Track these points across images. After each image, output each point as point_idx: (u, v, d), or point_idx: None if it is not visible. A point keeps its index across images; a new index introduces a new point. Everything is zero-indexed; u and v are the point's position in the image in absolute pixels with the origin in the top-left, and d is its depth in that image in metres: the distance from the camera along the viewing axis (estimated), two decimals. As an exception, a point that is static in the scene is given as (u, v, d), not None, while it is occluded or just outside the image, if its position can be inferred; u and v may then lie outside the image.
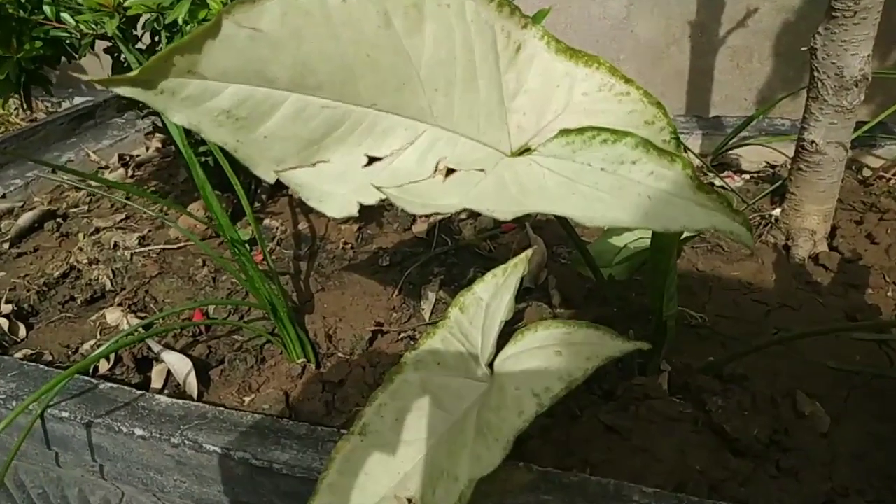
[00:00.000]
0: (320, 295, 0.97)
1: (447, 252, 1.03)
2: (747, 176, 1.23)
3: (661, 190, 0.50)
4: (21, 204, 1.32)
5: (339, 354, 0.86)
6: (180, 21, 0.58)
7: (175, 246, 1.10)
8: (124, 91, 0.47)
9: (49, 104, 1.90)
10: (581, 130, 0.53)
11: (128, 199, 1.29)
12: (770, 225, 1.02)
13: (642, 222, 0.49)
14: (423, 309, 0.90)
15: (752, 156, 1.34)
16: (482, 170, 0.55)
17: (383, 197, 0.52)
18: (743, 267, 0.97)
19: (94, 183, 1.41)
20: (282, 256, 1.08)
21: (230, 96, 0.50)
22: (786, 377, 0.76)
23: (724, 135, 1.39)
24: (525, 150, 0.57)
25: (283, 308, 0.81)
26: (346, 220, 1.15)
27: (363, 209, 0.52)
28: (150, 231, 1.17)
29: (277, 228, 1.16)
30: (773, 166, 1.30)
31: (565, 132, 0.54)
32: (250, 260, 0.78)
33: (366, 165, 0.54)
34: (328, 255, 1.07)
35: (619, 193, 0.51)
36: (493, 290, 0.58)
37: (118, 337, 0.83)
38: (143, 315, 0.97)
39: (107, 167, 1.51)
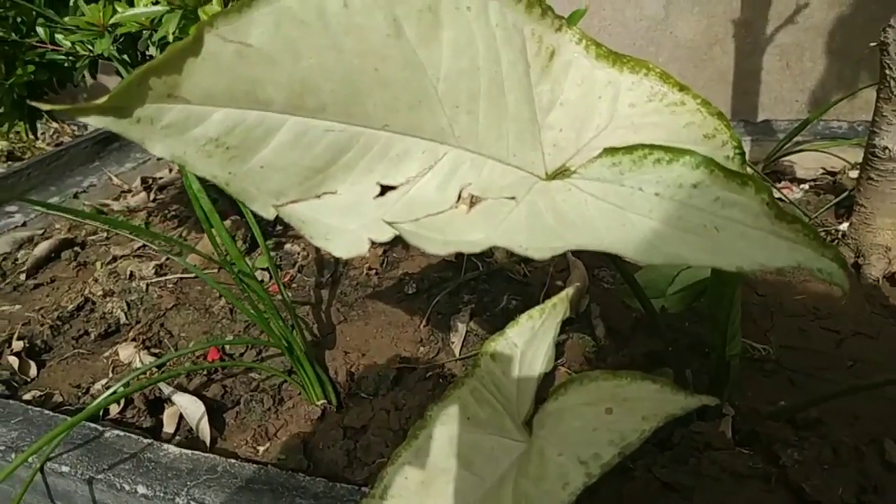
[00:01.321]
0: (342, 326, 0.90)
1: (477, 277, 0.96)
2: (806, 186, 1.12)
3: (731, 220, 0.42)
4: (42, 231, 1.29)
5: (362, 395, 0.78)
6: (170, 37, 0.52)
7: (192, 275, 1.04)
8: (94, 121, 0.41)
9: (75, 127, 1.88)
10: (630, 149, 0.45)
11: (146, 225, 1.25)
12: (837, 241, 0.92)
13: (710, 260, 0.40)
14: (452, 342, 0.83)
15: (808, 162, 1.23)
16: (513, 197, 0.47)
17: (398, 233, 0.44)
18: (807, 289, 0.87)
19: (116, 209, 1.38)
20: (303, 284, 1.02)
21: (218, 122, 0.43)
22: (868, 421, 0.66)
23: (774, 140, 1.29)
24: (563, 172, 0.49)
25: (300, 347, 0.74)
26: (371, 244, 1.08)
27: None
28: (167, 259, 1.12)
29: (299, 254, 1.10)
30: (831, 173, 1.20)
31: (610, 151, 0.46)
32: (263, 295, 0.71)
33: (378, 196, 0.47)
34: (351, 281, 1.00)
35: (678, 224, 0.43)
36: (529, 336, 0.51)
37: (129, 378, 0.77)
38: (156, 351, 0.91)
39: (129, 191, 1.48)
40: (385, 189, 0.47)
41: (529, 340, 0.50)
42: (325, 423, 0.75)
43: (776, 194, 1.04)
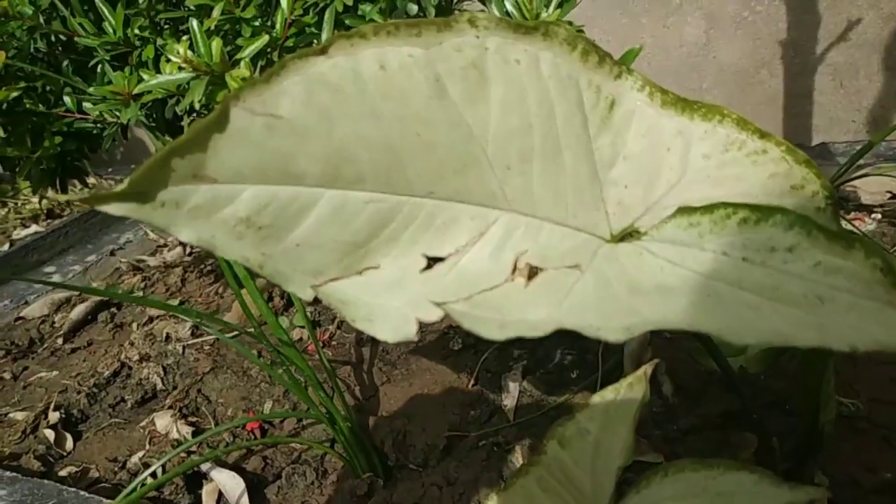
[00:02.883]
0: (386, 388, 0.85)
1: (527, 329, 0.90)
2: (878, 215, 1.04)
3: (838, 289, 0.36)
4: (79, 292, 1.28)
5: (411, 466, 0.73)
6: (196, 105, 0.49)
7: (228, 335, 1.01)
8: (114, 209, 0.37)
9: (112, 182, 1.90)
10: (709, 208, 0.39)
11: (183, 281, 1.23)
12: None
13: (816, 338, 0.35)
14: (504, 405, 0.77)
15: (872, 186, 1.15)
16: (576, 266, 0.41)
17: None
18: (893, 331, 0.79)
19: (152, 264, 1.36)
20: (342, 341, 0.97)
21: (249, 201, 0.39)
22: None
23: (833, 164, 1.21)
24: (630, 234, 0.44)
25: (343, 419, 0.69)
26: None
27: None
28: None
29: (337, 308, 1.06)
30: (900, 197, 1.12)
31: (686, 210, 0.40)
32: (302, 364, 0.67)
33: (425, 269, 0.42)
34: (393, 336, 0.95)
35: (774, 295, 0.37)
36: (603, 421, 0.45)
37: (166, 459, 0.73)
38: (193, 420, 0.87)
39: (165, 245, 1.47)
40: (432, 261, 0.43)
41: (604, 426, 0.45)
42: (373, 499, 0.70)
43: (846, 226, 0.97)
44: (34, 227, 1.55)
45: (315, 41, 0.58)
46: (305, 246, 0.41)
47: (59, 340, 1.11)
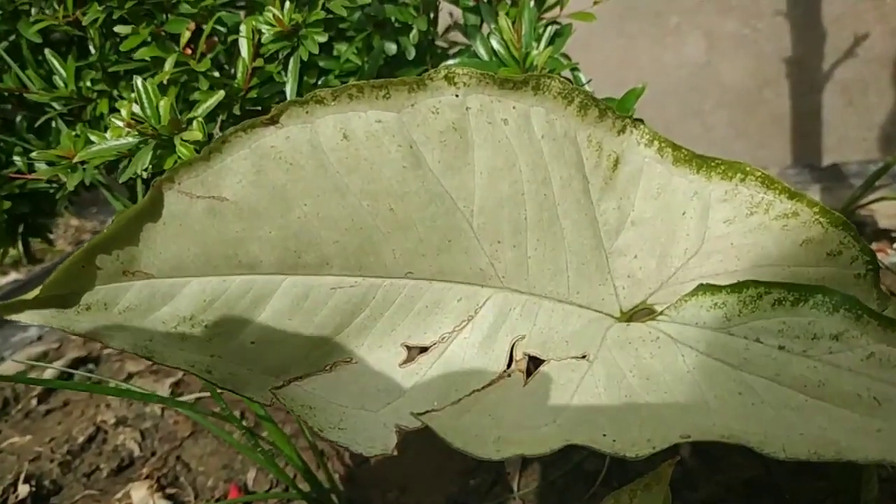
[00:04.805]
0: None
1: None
2: (900, 243, 0.98)
3: (897, 387, 0.30)
4: (57, 345, 1.22)
5: (406, 546, 0.66)
6: (141, 173, 0.43)
7: (208, 393, 0.95)
8: (28, 318, 0.31)
9: (97, 223, 1.84)
10: (737, 287, 0.33)
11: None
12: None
13: (875, 450, 0.28)
14: (507, 472, 0.70)
15: (888, 209, 1.09)
16: (583, 355, 0.35)
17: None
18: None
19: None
20: (332, 397, 0.91)
21: (192, 296, 0.33)
22: None
23: (846, 186, 1.15)
24: (643, 310, 0.38)
25: (329, 493, 0.63)
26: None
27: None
28: (185, 374, 1.02)
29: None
30: (919, 220, 1.05)
31: (709, 289, 0.34)
32: (282, 441, 0.61)
33: (405, 362, 0.36)
34: (387, 390, 0.89)
35: (819, 392, 0.31)
36: (617, 530, 0.39)
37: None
38: (171, 491, 0.81)
39: (150, 289, 1.40)
40: (414, 351, 0.37)
41: (618, 536, 0.39)
42: (366, 587, 0.63)
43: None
44: (13, 275, 1.49)
45: (283, 90, 0.53)
46: (263, 343, 0.35)
47: (34, 401, 1.05)
